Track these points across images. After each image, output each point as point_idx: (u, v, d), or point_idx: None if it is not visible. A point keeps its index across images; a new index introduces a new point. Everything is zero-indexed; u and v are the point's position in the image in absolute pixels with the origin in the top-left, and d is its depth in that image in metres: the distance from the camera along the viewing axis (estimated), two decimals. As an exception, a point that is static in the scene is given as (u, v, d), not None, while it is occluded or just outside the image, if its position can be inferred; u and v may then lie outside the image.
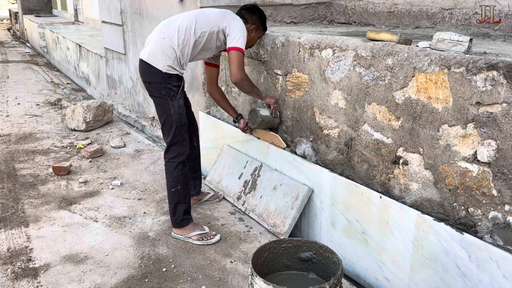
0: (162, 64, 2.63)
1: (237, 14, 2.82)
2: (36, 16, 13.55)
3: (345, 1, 4.06)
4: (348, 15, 4.02)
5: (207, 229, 2.84)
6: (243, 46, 2.64)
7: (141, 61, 2.72)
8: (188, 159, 2.89)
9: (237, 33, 2.64)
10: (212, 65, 3.01)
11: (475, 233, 1.94)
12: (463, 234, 1.91)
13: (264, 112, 2.93)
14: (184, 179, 2.80)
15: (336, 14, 4.16)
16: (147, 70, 2.70)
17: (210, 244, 2.76)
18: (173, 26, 2.68)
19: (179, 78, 2.71)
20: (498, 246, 1.84)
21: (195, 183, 3.21)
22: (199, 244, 2.76)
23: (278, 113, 2.97)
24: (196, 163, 3.18)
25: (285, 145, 2.93)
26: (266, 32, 3.01)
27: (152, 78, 2.69)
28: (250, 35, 2.82)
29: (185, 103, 2.91)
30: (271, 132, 3.01)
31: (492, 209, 1.87)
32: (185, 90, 2.96)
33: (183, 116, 2.75)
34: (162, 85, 2.67)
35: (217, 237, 2.81)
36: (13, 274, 2.48)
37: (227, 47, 2.67)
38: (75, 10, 11.95)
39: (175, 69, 2.67)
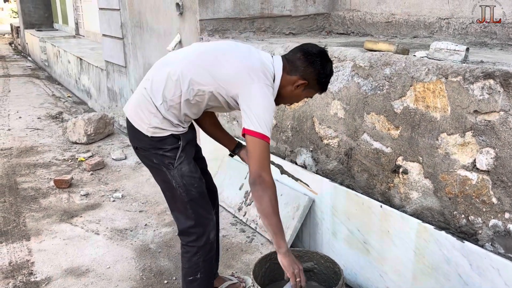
0: (146, 126, 1.86)
1: (288, 54, 1.91)
2: (38, 30, 13.64)
3: (343, 12, 4.10)
4: (346, 25, 4.06)
5: None
6: (266, 132, 1.72)
7: (127, 117, 1.96)
8: None
9: (256, 111, 1.73)
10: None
11: (476, 241, 1.94)
12: (464, 242, 1.91)
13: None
14: (206, 266, 2.05)
15: (335, 25, 4.19)
16: (131, 131, 1.94)
17: None
18: (163, 71, 1.86)
19: (176, 138, 1.90)
20: (499, 254, 1.83)
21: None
22: None
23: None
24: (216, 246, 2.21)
25: (317, 192, 2.47)
26: (265, 43, 2.96)
27: (138, 142, 1.93)
28: (293, 91, 1.87)
29: (196, 160, 2.06)
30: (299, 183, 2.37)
31: (492, 217, 1.87)
32: (196, 143, 2.10)
33: (195, 184, 1.94)
34: (152, 152, 1.90)
35: None
36: (14, 288, 2.48)
37: (242, 127, 1.76)
38: (76, 24, 12.03)
39: (165, 129, 1.87)
